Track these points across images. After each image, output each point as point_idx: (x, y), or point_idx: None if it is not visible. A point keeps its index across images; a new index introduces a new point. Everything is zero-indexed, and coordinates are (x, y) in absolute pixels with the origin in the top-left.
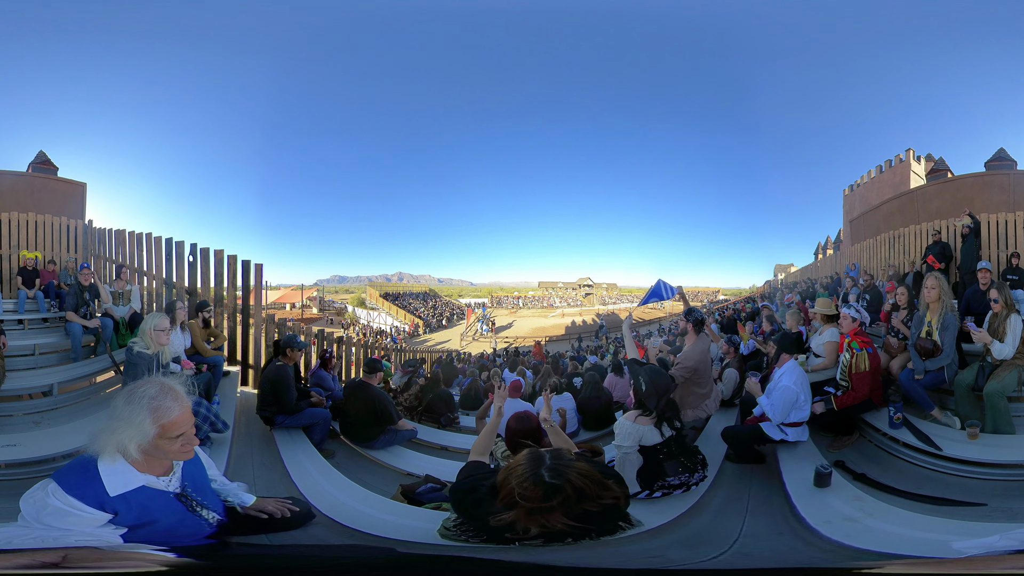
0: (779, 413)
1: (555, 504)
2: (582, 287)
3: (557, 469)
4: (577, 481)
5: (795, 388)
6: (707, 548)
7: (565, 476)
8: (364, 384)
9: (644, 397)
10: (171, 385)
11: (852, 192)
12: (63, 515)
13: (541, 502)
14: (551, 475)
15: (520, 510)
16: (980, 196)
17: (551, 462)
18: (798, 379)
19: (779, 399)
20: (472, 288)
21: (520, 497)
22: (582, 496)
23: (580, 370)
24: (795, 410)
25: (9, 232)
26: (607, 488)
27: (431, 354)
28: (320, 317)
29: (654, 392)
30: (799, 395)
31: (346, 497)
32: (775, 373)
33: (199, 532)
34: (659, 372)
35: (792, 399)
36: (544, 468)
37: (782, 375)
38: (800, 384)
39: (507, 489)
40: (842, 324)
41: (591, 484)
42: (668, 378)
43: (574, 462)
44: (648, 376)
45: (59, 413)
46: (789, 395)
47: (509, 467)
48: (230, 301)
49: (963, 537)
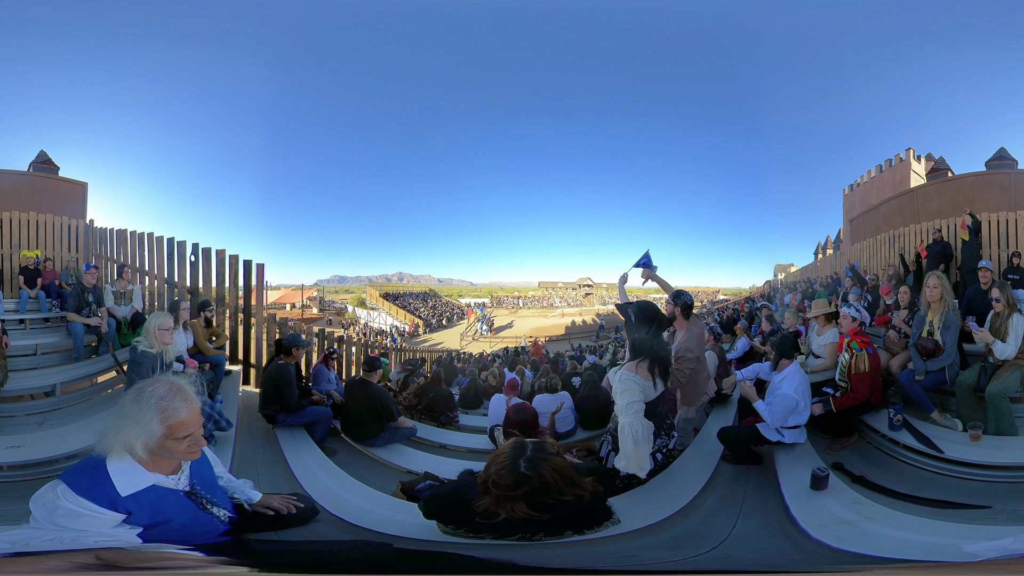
0: (777, 419)
1: (519, 494)
2: (582, 287)
3: (533, 461)
4: (548, 475)
5: (795, 396)
6: (687, 549)
7: (538, 468)
8: (365, 382)
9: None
10: (181, 385)
11: (852, 191)
12: (76, 516)
13: (508, 490)
14: (526, 466)
15: (491, 496)
16: (981, 195)
17: (531, 453)
18: (799, 386)
19: (779, 406)
20: (472, 288)
21: (492, 484)
22: (547, 489)
23: (579, 369)
24: (793, 415)
25: (10, 232)
26: (575, 485)
27: (431, 354)
28: (320, 317)
29: (643, 318)
30: (799, 402)
31: (348, 494)
32: (775, 377)
33: (213, 530)
34: (647, 302)
35: (791, 406)
36: (523, 458)
37: (783, 380)
38: (800, 391)
39: (485, 474)
40: (841, 324)
41: (560, 479)
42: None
43: (553, 456)
44: (638, 304)
45: (62, 413)
46: (788, 402)
47: (495, 454)
48: (232, 301)
49: (971, 541)
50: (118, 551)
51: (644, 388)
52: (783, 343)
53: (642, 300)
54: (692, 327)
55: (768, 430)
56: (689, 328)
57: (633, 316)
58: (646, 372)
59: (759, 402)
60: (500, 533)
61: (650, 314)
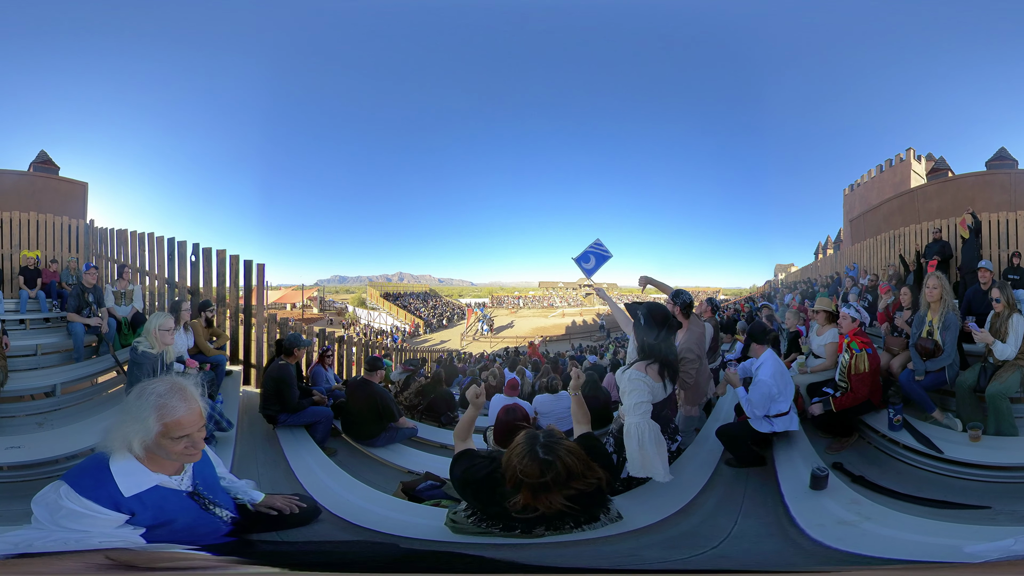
0: (757, 407)
1: (549, 480)
2: (582, 287)
3: (549, 446)
4: (566, 457)
5: (769, 382)
6: (686, 549)
7: (556, 452)
8: (366, 382)
9: (644, 331)
10: (183, 385)
11: (852, 191)
12: (79, 517)
13: (538, 478)
14: (544, 451)
15: (525, 490)
16: (981, 195)
17: (544, 439)
18: (775, 371)
19: (756, 393)
20: (472, 288)
21: (521, 474)
22: (571, 474)
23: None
24: (775, 403)
25: (10, 232)
26: (591, 468)
27: (431, 353)
28: (321, 317)
29: (652, 322)
30: (772, 388)
31: (350, 494)
32: (752, 365)
33: (216, 530)
34: (656, 304)
35: (768, 392)
36: (539, 445)
37: (759, 367)
38: (776, 377)
39: (511, 470)
40: (841, 324)
41: (577, 462)
42: (665, 309)
43: (563, 440)
44: (647, 306)
45: (62, 414)
46: (764, 389)
47: (511, 448)
48: (232, 301)
49: (971, 541)
50: (128, 551)
51: (653, 389)
52: (754, 328)
53: (652, 302)
54: (692, 327)
55: (757, 422)
56: (689, 328)
57: (643, 319)
58: (656, 374)
59: (740, 389)
60: (507, 528)
61: (660, 317)
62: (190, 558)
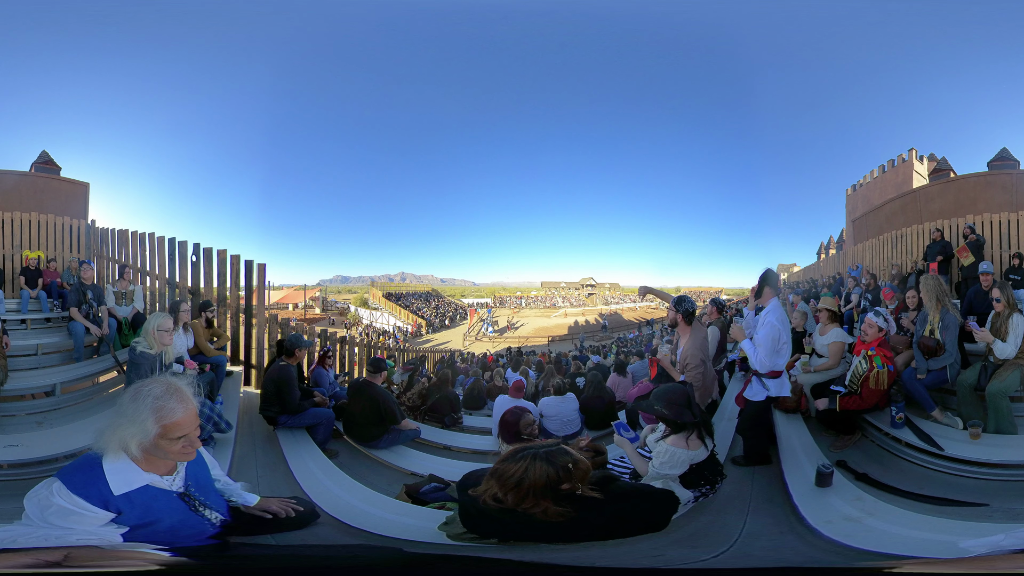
0: (765, 353)
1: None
2: (585, 287)
3: (548, 456)
4: (576, 465)
5: (778, 326)
6: (707, 547)
7: (560, 462)
8: (368, 383)
9: (675, 418)
10: (178, 386)
11: (855, 192)
12: (67, 514)
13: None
14: (546, 461)
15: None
16: (983, 196)
17: (542, 452)
18: (782, 316)
19: (764, 337)
20: (475, 288)
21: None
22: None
23: (583, 370)
24: (775, 355)
25: (12, 232)
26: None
27: (433, 354)
28: (323, 317)
29: (677, 406)
30: (781, 334)
31: (351, 497)
32: (759, 317)
33: (201, 532)
34: (667, 388)
35: (776, 336)
36: (538, 458)
37: (768, 312)
38: (783, 322)
39: (518, 497)
40: (866, 332)
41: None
42: (679, 386)
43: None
44: (662, 399)
45: (62, 413)
46: (773, 332)
47: (506, 471)
48: (233, 301)
49: (967, 537)
50: (89, 549)
51: (695, 457)
52: (768, 274)
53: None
54: (695, 333)
55: (753, 391)
56: (692, 334)
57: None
58: (696, 441)
59: (745, 341)
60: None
61: (684, 400)
62: (154, 558)
